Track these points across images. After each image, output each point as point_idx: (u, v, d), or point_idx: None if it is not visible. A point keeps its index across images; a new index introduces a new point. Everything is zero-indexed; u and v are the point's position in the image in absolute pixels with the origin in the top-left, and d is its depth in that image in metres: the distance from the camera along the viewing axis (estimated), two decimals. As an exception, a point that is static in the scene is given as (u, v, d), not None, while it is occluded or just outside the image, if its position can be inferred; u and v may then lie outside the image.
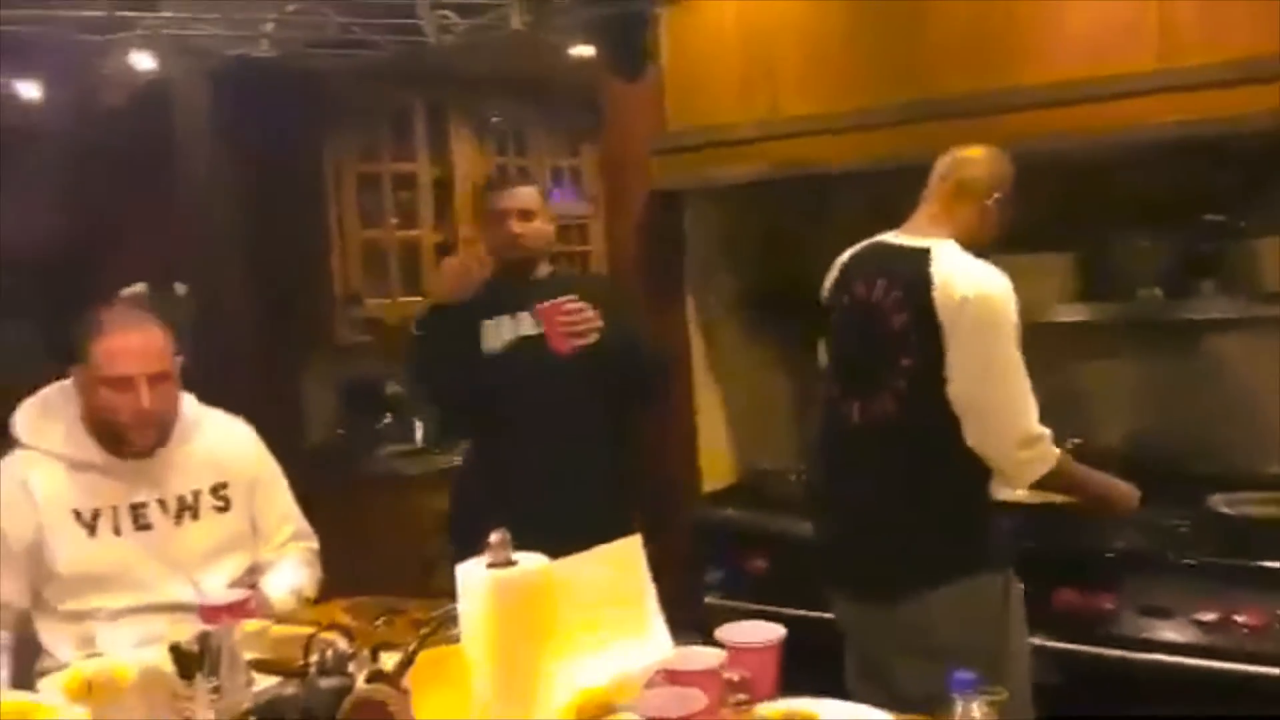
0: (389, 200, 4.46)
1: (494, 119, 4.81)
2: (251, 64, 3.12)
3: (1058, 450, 2.22)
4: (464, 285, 2.65)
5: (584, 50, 3.79)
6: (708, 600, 3.06)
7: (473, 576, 1.39)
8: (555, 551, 1.47)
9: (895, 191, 2.97)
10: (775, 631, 1.66)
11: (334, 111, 4.22)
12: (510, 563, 1.40)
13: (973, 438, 2.19)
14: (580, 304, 2.62)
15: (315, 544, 2.40)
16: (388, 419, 4.53)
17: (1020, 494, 2.45)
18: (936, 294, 2.19)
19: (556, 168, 5.12)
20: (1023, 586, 2.31)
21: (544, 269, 2.86)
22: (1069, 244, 2.98)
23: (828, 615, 2.79)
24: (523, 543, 1.45)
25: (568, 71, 3.99)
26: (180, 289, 4.14)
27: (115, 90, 3.37)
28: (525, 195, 2.78)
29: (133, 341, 2.08)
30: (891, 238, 2.40)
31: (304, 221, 4.27)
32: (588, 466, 2.67)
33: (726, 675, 1.19)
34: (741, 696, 1.17)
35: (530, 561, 1.42)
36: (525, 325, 2.71)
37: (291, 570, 2.28)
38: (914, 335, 2.22)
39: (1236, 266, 2.77)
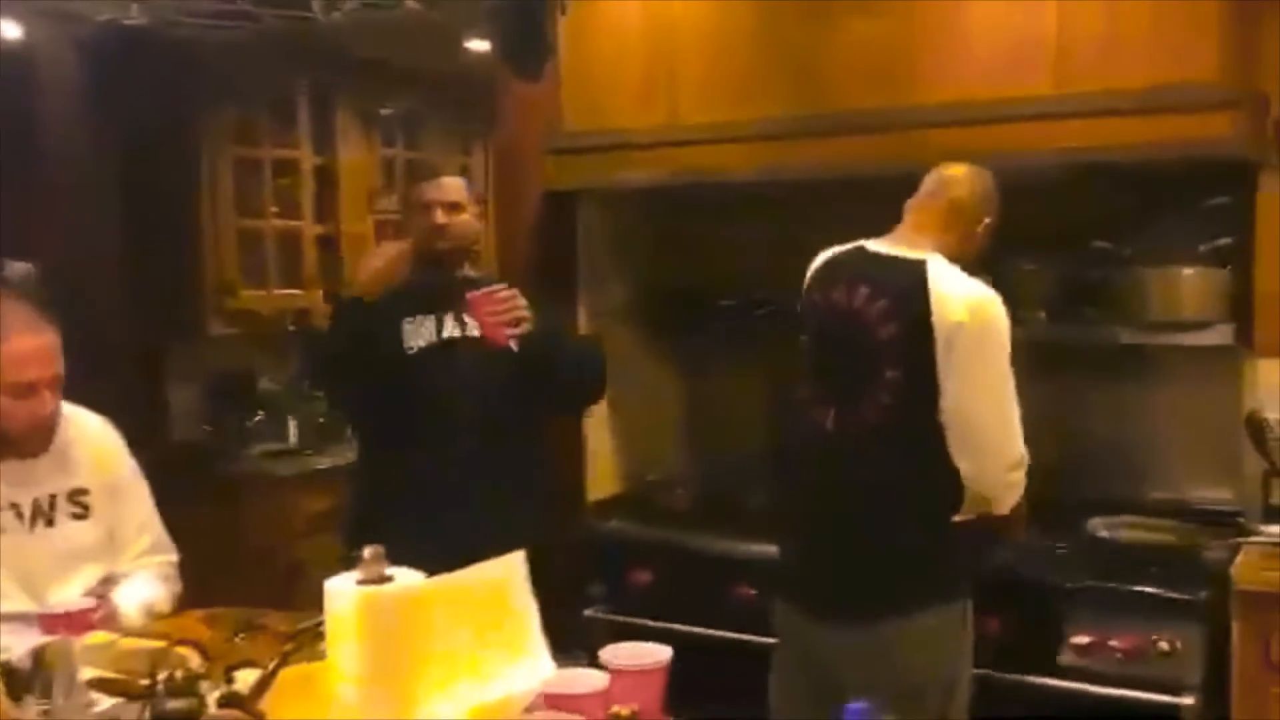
0: (268, 187, 4.27)
1: (384, 110, 4.66)
2: (123, 33, 2.93)
3: None
4: (388, 278, 2.49)
5: (481, 45, 3.70)
6: (589, 614, 2.98)
7: (341, 594, 1.28)
8: (463, 564, 1.37)
9: (796, 201, 2.98)
10: (661, 653, 1.59)
11: (212, 89, 4.01)
12: (384, 579, 1.31)
13: (962, 458, 2.16)
14: (512, 291, 2.49)
15: (174, 557, 2.24)
16: (259, 416, 4.33)
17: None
18: (935, 310, 2.13)
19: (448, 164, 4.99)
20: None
21: (468, 268, 2.71)
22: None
23: (713, 632, 2.77)
24: (426, 555, 1.36)
25: (463, 65, 3.88)
26: (19, 267, 3.87)
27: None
28: (452, 187, 2.63)
29: (34, 344, 1.95)
30: (876, 245, 2.32)
31: (175, 205, 4.05)
32: (503, 474, 2.52)
33: (615, 710, 1.12)
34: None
35: (405, 578, 1.33)
36: (448, 326, 2.56)
37: (146, 584, 2.11)
38: (903, 348, 2.16)
39: (1122, 294, 2.80)
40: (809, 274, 2.42)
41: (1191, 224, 2.78)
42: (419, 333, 2.55)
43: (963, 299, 2.15)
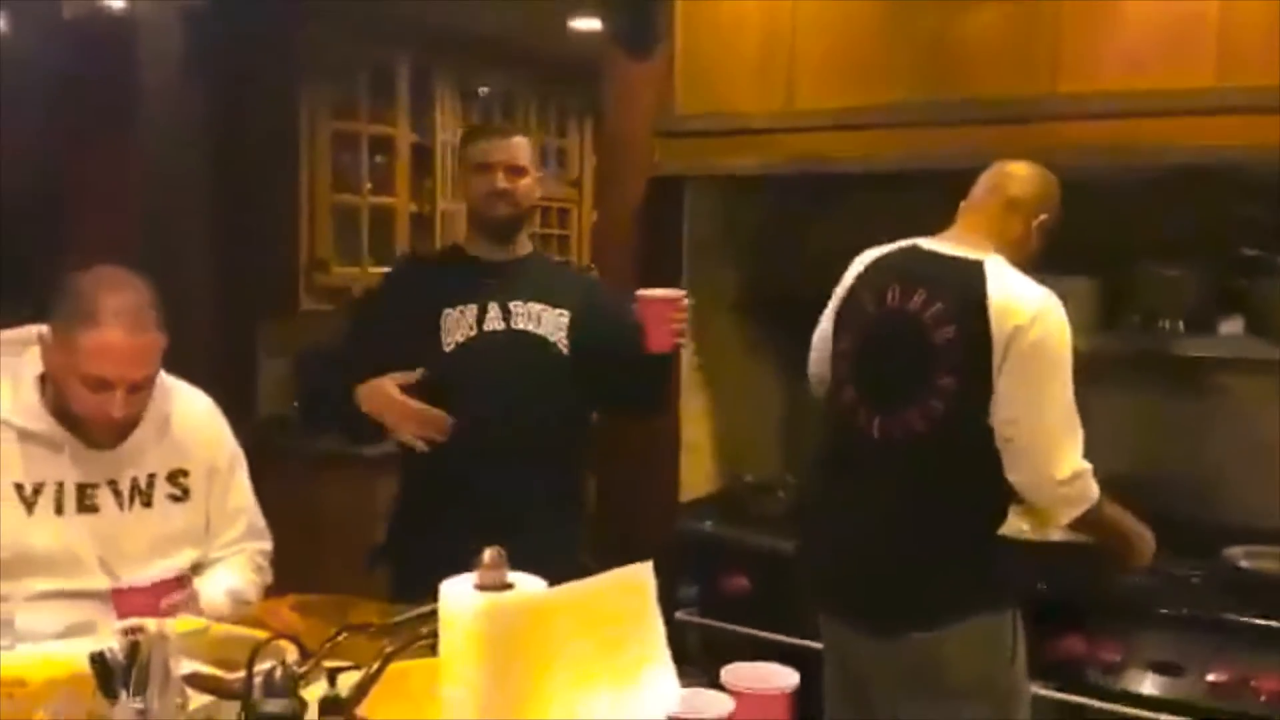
0: (365, 164, 4.22)
1: (482, 89, 4.59)
2: (224, 6, 2.87)
3: (1097, 488, 2.08)
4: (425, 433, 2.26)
5: (586, 24, 3.60)
6: (680, 616, 2.86)
7: (459, 599, 1.18)
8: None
9: (909, 194, 2.82)
10: (788, 678, 1.47)
11: (312, 63, 3.97)
12: (505, 585, 1.20)
13: (1015, 469, 2.06)
14: (690, 302, 2.31)
15: (268, 545, 2.15)
16: (345, 394, 4.28)
17: (1026, 529, 2.29)
18: (993, 314, 2.04)
19: (542, 147, 4.91)
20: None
21: (525, 244, 2.50)
22: (1090, 267, 2.81)
23: (810, 643, 2.64)
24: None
25: (567, 45, 3.78)
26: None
27: (79, 28, 3.10)
28: (517, 147, 2.41)
29: (127, 343, 1.82)
30: (931, 244, 2.23)
31: (273, 179, 4.01)
32: (549, 480, 2.35)
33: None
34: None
35: (527, 585, 1.22)
36: (491, 318, 2.34)
37: (234, 571, 2.03)
38: (959, 353, 2.07)
39: (1267, 305, 2.61)
40: (853, 274, 2.33)
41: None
42: (458, 326, 2.34)
43: (1023, 302, 2.05)
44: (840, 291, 2.36)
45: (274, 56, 3.88)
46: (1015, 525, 2.20)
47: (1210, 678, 2.29)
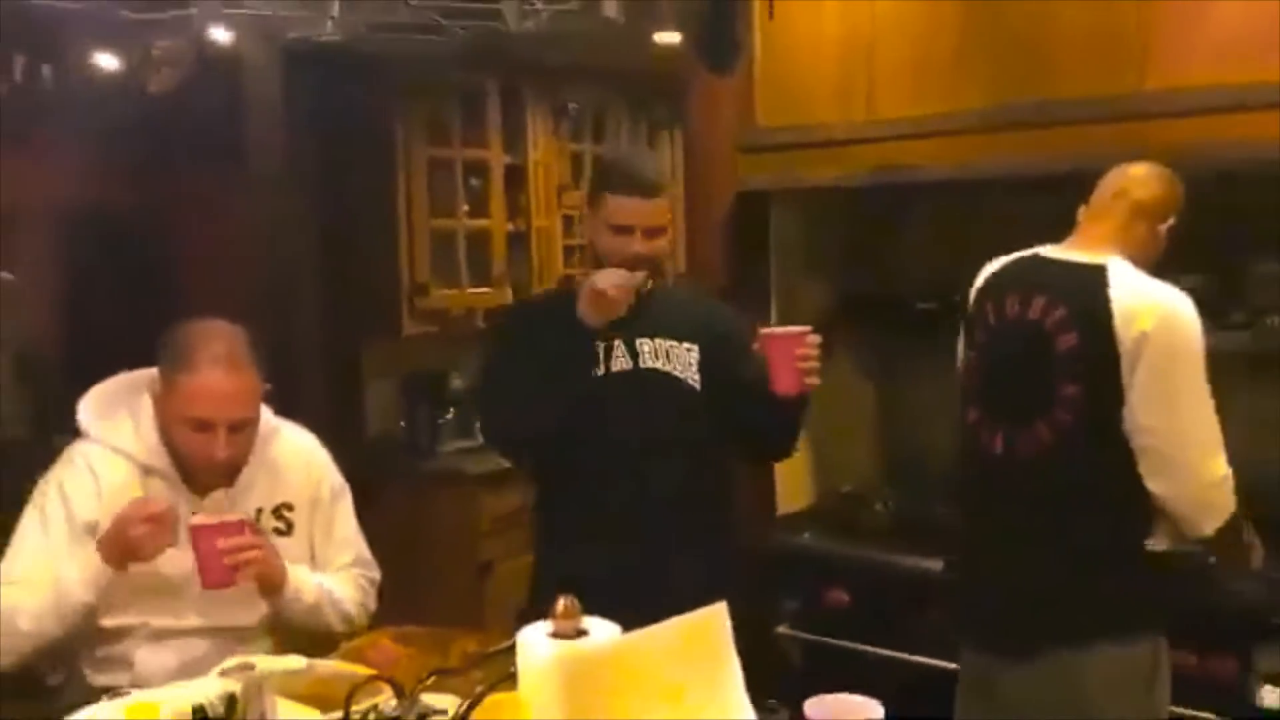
0: (460, 187, 4.30)
1: (571, 106, 4.63)
2: (320, 46, 2.97)
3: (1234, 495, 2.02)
4: (618, 310, 2.11)
5: (668, 37, 3.61)
6: (781, 630, 2.87)
7: (536, 647, 1.21)
8: (641, 616, 1.27)
9: (992, 200, 2.78)
10: (873, 711, 1.47)
11: (405, 93, 4.06)
12: (580, 633, 1.23)
13: (1154, 478, 1.99)
14: (816, 336, 2.12)
15: (375, 574, 2.23)
16: (450, 414, 4.38)
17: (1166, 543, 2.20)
18: (1118, 318, 1.97)
19: (634, 159, 4.93)
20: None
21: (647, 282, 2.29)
22: (1194, 265, 2.72)
23: (913, 657, 2.63)
24: (612, 608, 1.28)
25: (650, 60, 3.80)
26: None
27: (181, 67, 3.24)
28: (657, 210, 2.19)
29: (222, 384, 1.92)
30: (1052, 252, 2.16)
31: (372, 206, 4.12)
32: (691, 519, 2.22)
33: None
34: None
35: (601, 631, 1.25)
36: (620, 359, 2.20)
37: (336, 582, 2.12)
38: (1083, 360, 2.00)
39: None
40: (977, 285, 2.26)
41: None
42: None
43: (1149, 304, 1.98)
44: (969, 305, 2.30)
45: (369, 87, 3.99)
46: (1155, 543, 2.10)
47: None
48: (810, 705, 1.47)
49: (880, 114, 2.80)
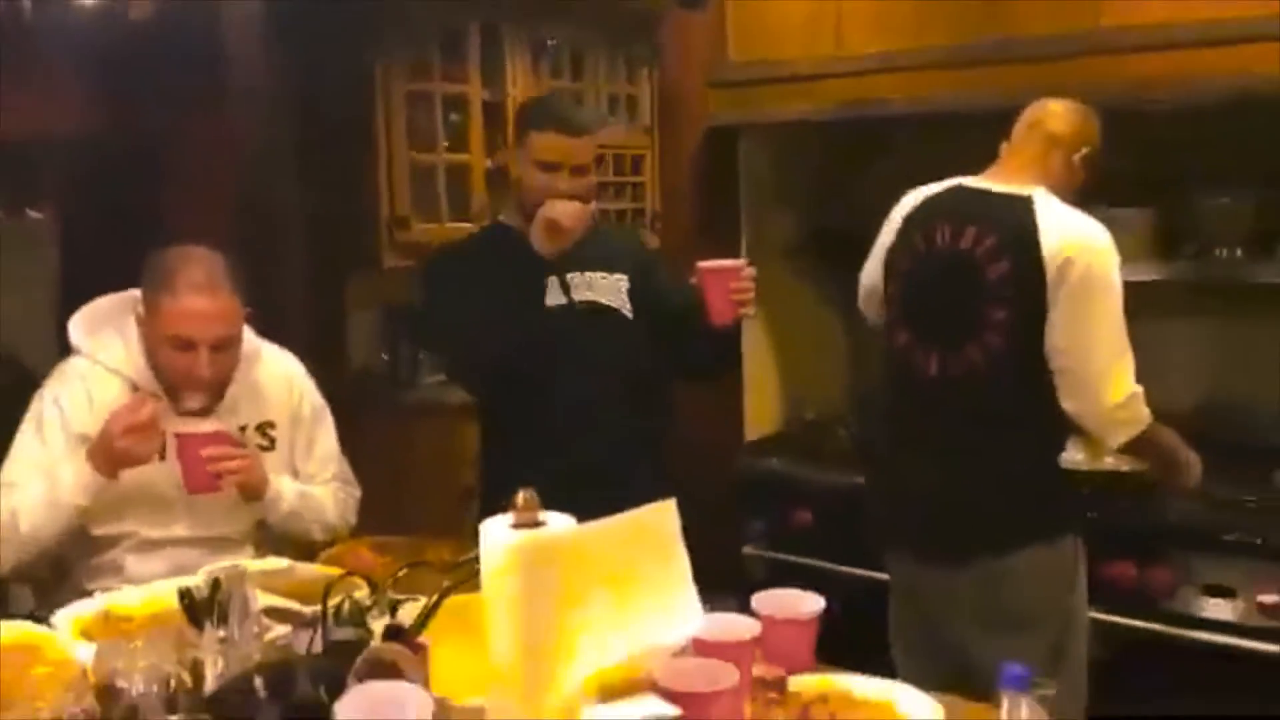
0: (439, 122, 4.34)
1: (550, 42, 4.66)
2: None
3: (1148, 411, 2.12)
4: (568, 242, 2.19)
5: (645, -28, 3.65)
6: (747, 550, 2.99)
7: (496, 536, 1.31)
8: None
9: (958, 135, 2.85)
10: (814, 603, 1.58)
11: (385, 25, 4.09)
12: (537, 524, 1.33)
13: (1069, 397, 2.11)
14: (750, 269, 2.21)
15: (357, 491, 2.34)
16: (431, 346, 4.47)
17: (1080, 458, 2.33)
18: (1044, 246, 2.08)
19: (613, 95, 4.97)
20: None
21: None
22: (1146, 198, 2.82)
23: (873, 574, 2.74)
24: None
25: (628, -5, 3.84)
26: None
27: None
28: (586, 148, 2.25)
29: (202, 305, 2.00)
30: (976, 183, 2.26)
31: (352, 141, 4.16)
32: (629, 443, 2.29)
33: (759, 673, 1.11)
34: (772, 695, 1.09)
35: (558, 523, 1.35)
36: (555, 294, 2.26)
37: (315, 488, 2.22)
38: (1013, 286, 2.11)
39: (1326, 230, 2.60)
40: (899, 216, 2.35)
41: None
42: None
43: (1074, 234, 2.09)
44: (887, 234, 2.40)
45: (349, 21, 4.01)
46: (1070, 457, 2.24)
47: (1261, 599, 2.34)
48: (757, 599, 1.59)
49: (848, 50, 2.87)
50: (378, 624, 1.48)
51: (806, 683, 1.50)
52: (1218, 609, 2.40)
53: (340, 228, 4.17)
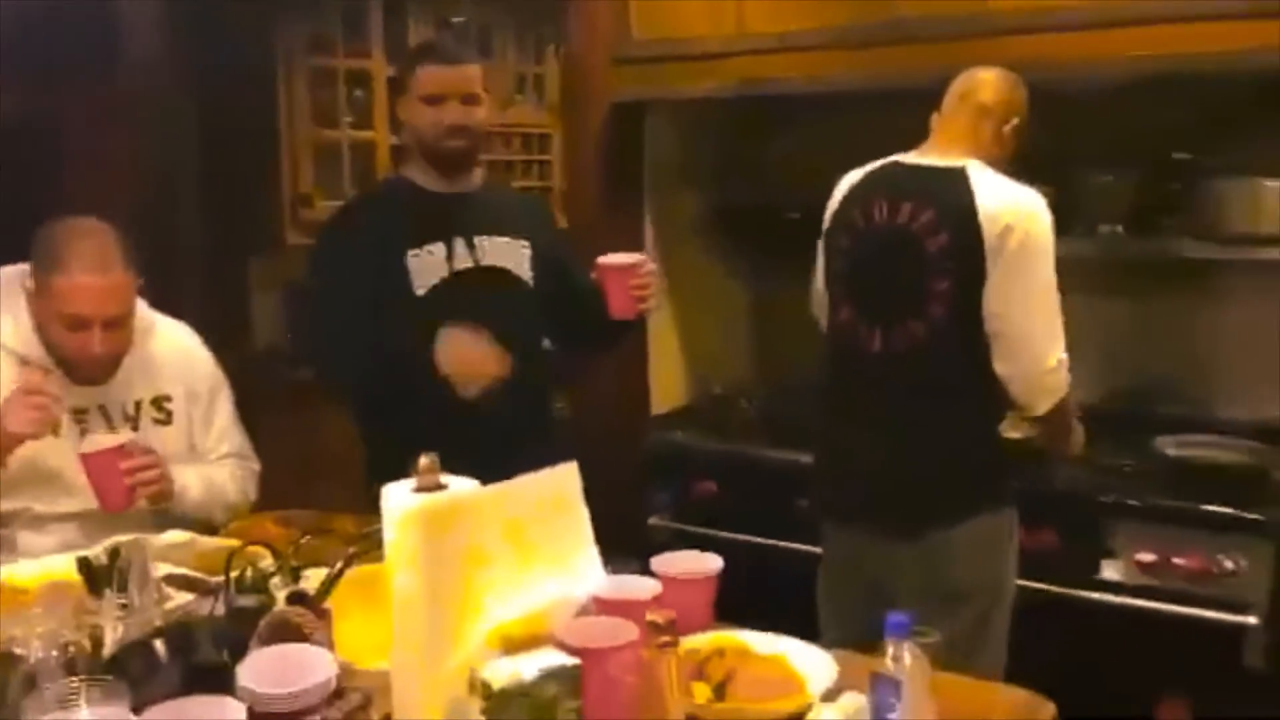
0: (343, 98, 4.30)
1: (455, 19, 4.64)
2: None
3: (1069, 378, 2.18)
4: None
5: (549, -50, 3.65)
6: (652, 521, 3.04)
7: (399, 500, 1.33)
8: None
9: (860, 112, 2.92)
10: (711, 562, 1.63)
11: (287, 1, 4.04)
12: (439, 486, 1.35)
13: (1003, 361, 2.15)
14: (651, 265, 2.23)
15: (255, 465, 2.32)
16: (336, 324, 4.42)
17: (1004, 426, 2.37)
18: (982, 216, 2.11)
19: (521, 74, 4.98)
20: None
21: (477, 174, 2.35)
22: (1036, 176, 2.91)
23: (773, 542, 2.82)
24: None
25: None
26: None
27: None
28: (471, 74, 2.22)
29: (95, 283, 1.96)
30: (911, 158, 2.29)
31: (254, 117, 4.10)
32: (533, 411, 2.29)
33: (651, 617, 1.15)
34: (665, 639, 1.13)
35: (460, 485, 1.37)
36: (459, 254, 2.22)
37: (214, 471, 2.20)
38: (953, 258, 2.13)
39: (1202, 207, 2.72)
40: (839, 195, 2.37)
41: (1276, 135, 2.68)
42: (428, 268, 2.21)
43: (1010, 203, 2.14)
44: (827, 217, 2.40)
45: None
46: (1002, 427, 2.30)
47: (1138, 558, 2.46)
48: (657, 560, 1.63)
49: (749, 29, 2.90)
50: (281, 592, 1.49)
51: (704, 639, 1.55)
52: (1100, 569, 2.50)
53: (242, 205, 4.12)
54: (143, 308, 2.15)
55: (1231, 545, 2.38)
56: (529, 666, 1.29)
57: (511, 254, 2.31)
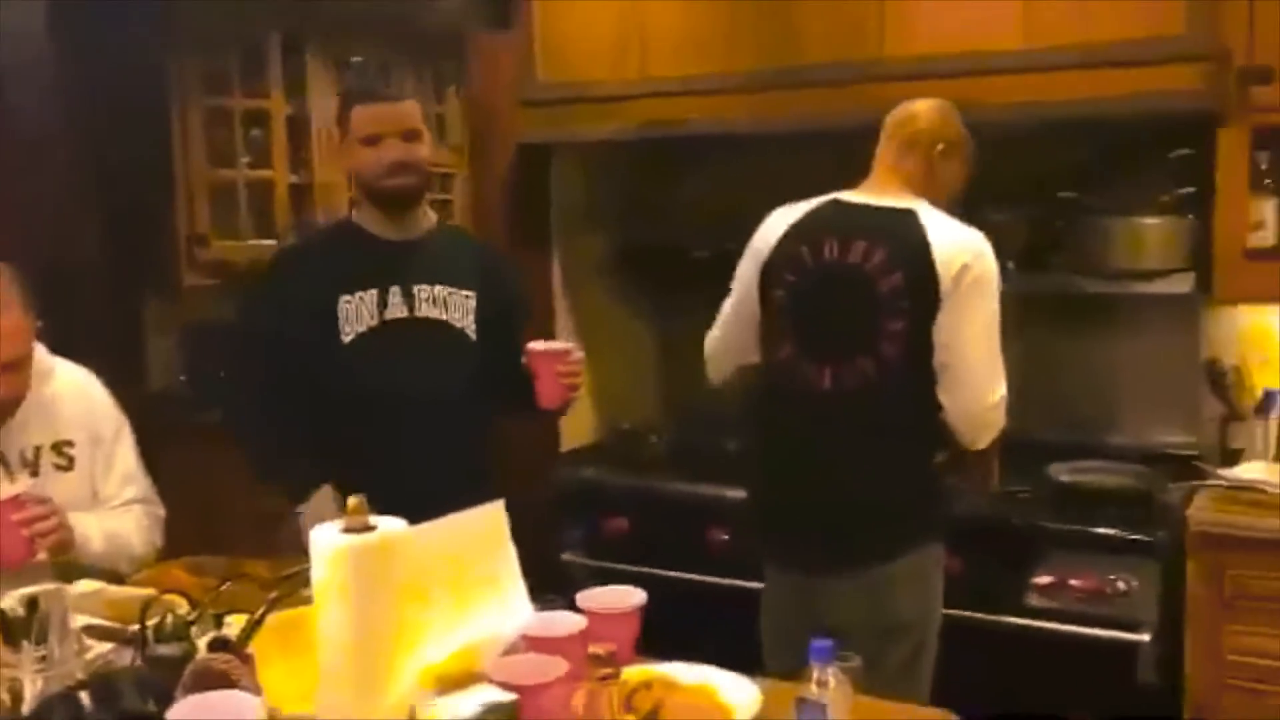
0: (240, 138, 4.25)
1: (354, 59, 4.62)
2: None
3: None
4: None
5: (449, -8, 3.68)
6: (565, 558, 3.05)
7: (328, 542, 1.33)
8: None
9: (763, 155, 3.01)
10: (635, 596, 1.66)
11: (180, 38, 3.98)
12: (368, 528, 1.35)
13: (947, 393, 2.17)
14: (581, 355, 2.22)
15: (159, 510, 2.27)
16: (235, 367, 4.34)
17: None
18: (937, 257, 2.14)
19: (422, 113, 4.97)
20: None
21: (428, 216, 2.30)
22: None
23: (688, 576, 2.84)
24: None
25: (433, 14, 3.87)
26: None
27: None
28: (409, 111, 2.19)
29: None
30: (853, 197, 2.30)
31: (148, 157, 4.02)
32: (459, 468, 2.20)
33: (593, 650, 1.17)
34: (607, 670, 1.15)
35: (389, 526, 1.37)
36: (393, 303, 2.18)
37: (117, 520, 2.15)
38: (907, 298, 2.15)
39: (1088, 244, 2.86)
40: (777, 231, 2.35)
41: (1156, 175, 2.83)
42: (359, 314, 2.17)
43: (962, 243, 2.18)
44: (759, 253, 2.36)
45: (143, 34, 3.89)
46: None
47: (1037, 581, 2.55)
48: (581, 596, 1.65)
49: (652, 72, 2.98)
50: (202, 639, 1.47)
51: (631, 672, 1.56)
52: (1002, 594, 2.59)
53: (138, 246, 4.03)
54: (41, 352, 2.10)
55: (1123, 566, 2.49)
56: (468, 704, 1.29)
57: (454, 305, 2.25)
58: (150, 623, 1.49)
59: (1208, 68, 2.48)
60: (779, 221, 2.36)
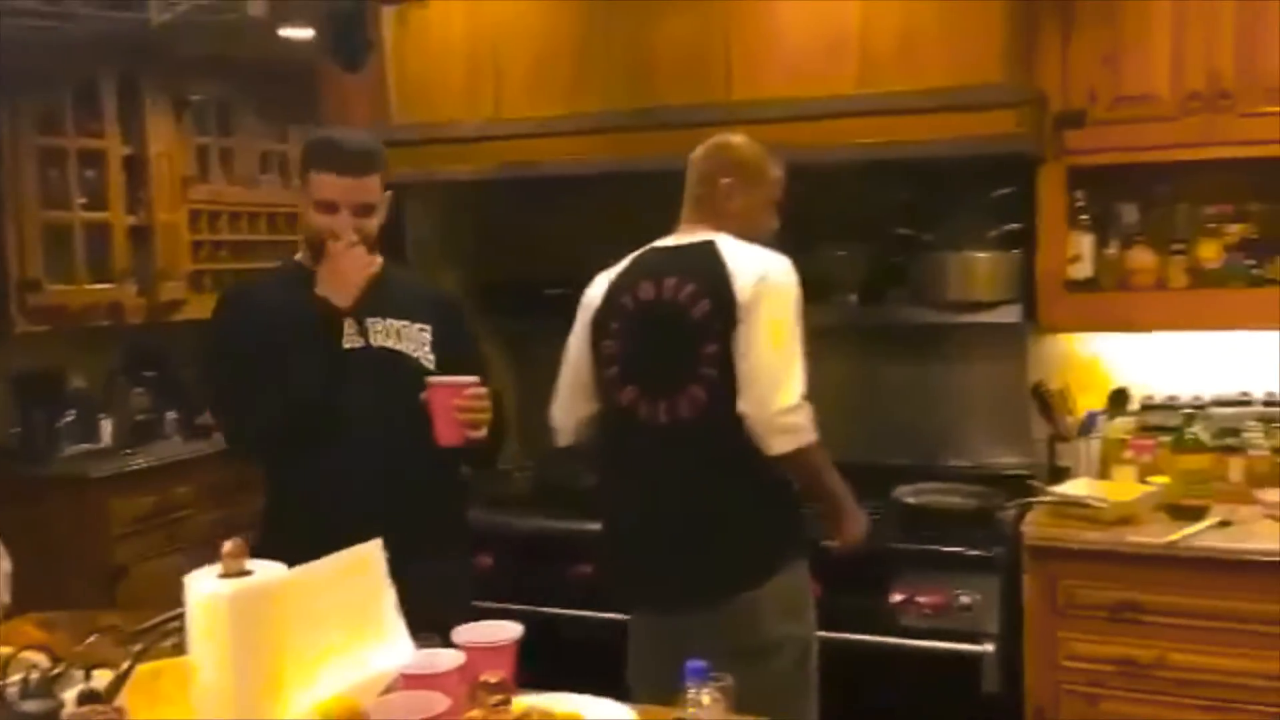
0: (75, 178, 4.11)
1: (194, 97, 4.54)
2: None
3: (815, 432, 2.25)
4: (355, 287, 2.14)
5: (298, 33, 3.66)
6: (429, 598, 3.02)
7: (203, 587, 1.32)
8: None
9: (616, 194, 3.08)
10: (512, 630, 1.68)
11: (10, 77, 3.84)
12: (245, 572, 1.34)
13: (742, 399, 2.21)
14: (484, 390, 2.18)
15: (6, 565, 2.18)
16: (69, 416, 4.18)
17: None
18: (734, 280, 2.22)
19: (266, 152, 4.90)
20: None
21: (375, 261, 2.29)
22: (786, 251, 3.15)
23: (553, 610, 2.86)
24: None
25: (280, 53, 3.83)
26: None
27: None
28: (363, 188, 2.19)
29: None
30: (666, 241, 2.40)
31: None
32: (425, 503, 2.23)
33: (485, 678, 1.19)
34: (499, 697, 1.17)
35: (266, 570, 1.37)
36: (351, 337, 2.19)
37: None
38: (716, 321, 2.23)
39: (923, 277, 3.03)
40: (601, 289, 2.43)
41: (983, 212, 3.01)
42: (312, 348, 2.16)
43: (753, 264, 2.26)
44: (587, 312, 2.44)
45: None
46: None
47: (890, 599, 2.66)
48: (457, 632, 1.66)
49: (507, 114, 3.03)
50: (69, 693, 1.42)
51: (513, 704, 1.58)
52: (855, 611, 2.69)
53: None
54: None
55: (966, 582, 2.62)
56: (351, 744, 1.30)
57: (409, 336, 2.26)
58: (12, 679, 1.44)
59: (1024, 113, 2.67)
60: (601, 281, 2.46)
